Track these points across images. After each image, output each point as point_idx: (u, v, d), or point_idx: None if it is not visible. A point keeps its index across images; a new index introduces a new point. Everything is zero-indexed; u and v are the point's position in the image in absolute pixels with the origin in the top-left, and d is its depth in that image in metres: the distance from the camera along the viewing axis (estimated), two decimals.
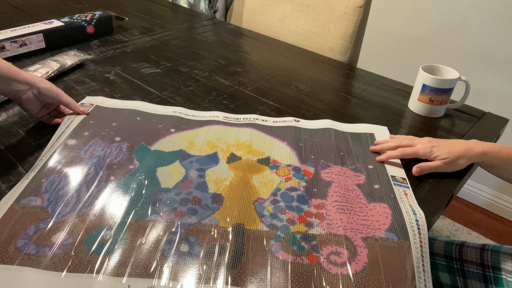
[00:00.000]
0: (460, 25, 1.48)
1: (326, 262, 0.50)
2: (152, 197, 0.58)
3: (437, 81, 0.83)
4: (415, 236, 0.54)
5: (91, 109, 0.77)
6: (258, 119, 0.80)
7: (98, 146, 0.67)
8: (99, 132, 0.71)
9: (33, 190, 0.58)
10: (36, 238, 0.51)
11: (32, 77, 0.70)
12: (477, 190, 1.71)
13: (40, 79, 0.71)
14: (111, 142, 0.69)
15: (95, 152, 0.66)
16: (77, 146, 0.67)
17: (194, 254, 0.50)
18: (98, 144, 0.68)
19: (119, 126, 0.73)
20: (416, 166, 0.67)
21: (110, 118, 0.75)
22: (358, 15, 1.18)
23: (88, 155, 0.65)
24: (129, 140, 0.70)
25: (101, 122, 0.74)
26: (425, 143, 0.69)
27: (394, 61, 1.70)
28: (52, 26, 1.05)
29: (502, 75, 1.47)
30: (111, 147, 0.68)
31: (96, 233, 0.52)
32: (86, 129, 0.71)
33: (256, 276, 0.48)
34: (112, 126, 0.73)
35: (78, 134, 0.70)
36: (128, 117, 0.76)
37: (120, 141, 0.69)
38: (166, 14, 1.42)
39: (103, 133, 0.71)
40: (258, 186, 0.62)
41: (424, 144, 0.69)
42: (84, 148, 0.67)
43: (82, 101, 0.80)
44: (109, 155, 0.66)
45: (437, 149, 0.67)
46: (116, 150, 0.67)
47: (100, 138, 0.70)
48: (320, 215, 0.57)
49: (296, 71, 1.05)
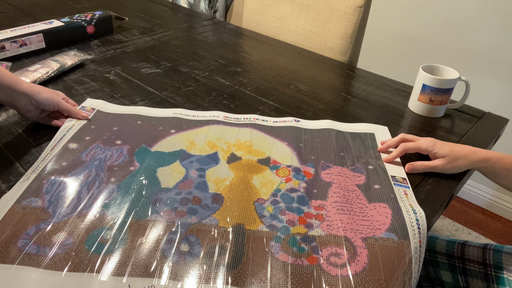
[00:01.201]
0: (460, 25, 1.48)
1: (326, 264, 0.50)
2: (152, 197, 0.59)
3: (437, 81, 0.83)
4: (415, 236, 0.54)
5: (93, 114, 0.77)
6: (258, 119, 0.80)
7: (99, 149, 0.68)
8: (100, 136, 0.71)
9: (34, 191, 0.58)
10: (36, 238, 0.51)
11: (31, 89, 0.70)
12: (477, 190, 1.71)
13: (39, 90, 0.71)
14: (112, 145, 0.69)
15: (96, 155, 0.66)
16: (78, 149, 0.67)
17: (194, 254, 0.50)
18: (99, 148, 0.68)
19: (120, 130, 0.74)
20: (410, 164, 0.68)
21: (111, 123, 0.75)
22: (358, 15, 1.18)
23: (89, 158, 0.65)
24: (129, 143, 0.70)
25: (102, 127, 0.74)
26: (428, 139, 0.69)
27: (394, 61, 1.70)
28: (52, 26, 1.05)
29: (502, 75, 1.47)
30: (112, 150, 0.68)
31: (97, 233, 0.52)
32: (87, 133, 0.72)
33: (256, 277, 0.48)
34: (113, 131, 0.73)
35: (79, 138, 0.70)
36: (128, 121, 0.76)
37: (121, 144, 0.70)
38: (166, 14, 1.42)
39: (104, 137, 0.71)
40: (258, 186, 0.62)
41: (427, 140, 0.69)
42: (85, 152, 0.67)
43: (83, 104, 0.80)
44: (110, 158, 0.66)
45: (439, 145, 0.67)
46: (117, 152, 0.67)
47: (101, 141, 0.70)
48: (320, 216, 0.57)
49: (296, 71, 1.05)
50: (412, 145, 0.69)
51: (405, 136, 0.72)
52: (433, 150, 0.67)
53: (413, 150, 0.69)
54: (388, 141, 0.72)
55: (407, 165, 0.68)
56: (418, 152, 0.71)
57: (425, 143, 0.68)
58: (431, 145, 0.68)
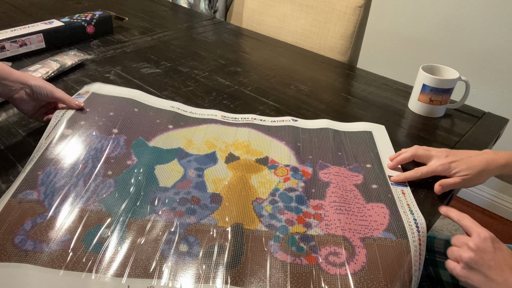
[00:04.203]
0: (460, 25, 1.48)
1: (325, 263, 0.50)
2: (150, 195, 0.58)
3: (437, 81, 0.83)
4: (414, 235, 0.54)
5: (87, 97, 0.76)
6: (256, 119, 0.80)
7: (95, 138, 0.67)
8: (96, 122, 0.70)
9: (30, 184, 0.57)
10: (33, 233, 0.50)
11: (24, 76, 0.69)
12: (477, 190, 1.71)
13: (31, 77, 0.70)
14: (108, 134, 0.68)
15: (92, 144, 0.65)
16: (73, 136, 0.66)
17: (193, 254, 0.50)
18: (95, 136, 0.67)
19: (116, 116, 0.72)
20: (438, 184, 0.64)
21: (107, 107, 0.74)
22: (358, 15, 1.18)
23: (85, 147, 0.64)
24: (126, 133, 0.70)
25: (98, 111, 0.72)
26: (442, 158, 0.65)
27: (394, 61, 1.70)
28: (52, 26, 1.05)
29: (502, 75, 1.46)
30: (108, 140, 0.67)
31: (94, 230, 0.52)
32: (82, 118, 0.70)
33: (255, 276, 0.48)
34: (109, 116, 0.72)
35: (74, 123, 0.69)
36: (125, 107, 0.75)
37: (117, 134, 0.69)
38: (166, 14, 1.42)
39: (100, 123, 0.70)
40: (256, 186, 0.62)
41: (440, 160, 0.65)
42: (80, 139, 0.66)
43: (79, 91, 0.79)
44: (106, 148, 0.65)
45: (455, 165, 0.63)
46: (114, 143, 0.67)
47: (97, 128, 0.69)
48: (318, 215, 0.57)
49: (296, 71, 1.05)
50: (428, 170, 0.65)
51: (417, 152, 0.67)
52: (450, 172, 0.64)
53: (428, 175, 0.65)
54: (399, 158, 0.69)
55: (436, 187, 0.64)
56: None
57: (440, 167, 0.64)
58: (447, 167, 0.64)
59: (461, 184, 0.63)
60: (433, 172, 0.65)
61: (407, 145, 0.77)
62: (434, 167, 0.64)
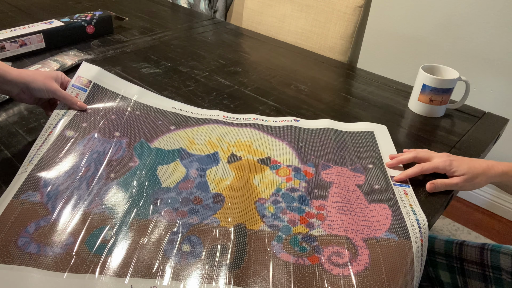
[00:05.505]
0: (460, 25, 1.48)
1: (328, 263, 0.50)
2: (153, 196, 0.58)
3: (437, 81, 0.83)
4: (416, 235, 0.54)
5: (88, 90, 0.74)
6: (258, 119, 0.80)
7: (98, 141, 0.66)
8: (97, 124, 0.70)
9: (32, 185, 0.57)
10: (36, 236, 0.50)
11: (22, 77, 0.66)
12: (477, 190, 1.71)
13: (32, 78, 0.67)
14: (110, 137, 0.68)
15: (94, 146, 0.65)
16: (75, 138, 0.66)
17: (196, 254, 0.50)
18: (97, 139, 0.67)
19: (118, 119, 0.72)
20: (430, 183, 0.65)
21: (108, 109, 0.74)
22: (358, 15, 1.18)
23: (87, 150, 0.64)
24: (128, 135, 0.70)
25: (99, 112, 0.72)
26: (444, 157, 0.67)
27: (394, 61, 1.70)
28: (52, 26, 1.05)
29: (502, 75, 1.47)
30: (110, 143, 0.67)
31: (97, 232, 0.52)
32: (83, 119, 0.70)
33: (258, 277, 0.48)
34: (111, 119, 0.72)
35: (76, 125, 0.68)
36: (127, 110, 0.75)
37: (119, 137, 0.69)
38: (166, 14, 1.42)
39: (102, 126, 0.70)
40: (259, 186, 0.62)
41: (443, 157, 0.66)
42: (83, 142, 0.66)
43: (78, 72, 0.76)
44: (109, 151, 0.65)
45: (456, 163, 0.65)
46: (116, 146, 0.67)
47: (98, 131, 0.68)
48: (321, 216, 0.57)
49: (296, 71, 1.05)
50: (429, 166, 0.66)
51: (419, 154, 0.68)
52: (451, 169, 0.65)
53: (430, 171, 0.66)
54: (400, 157, 0.69)
55: (428, 185, 0.65)
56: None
57: (442, 163, 0.65)
58: (448, 164, 0.65)
59: (459, 185, 0.64)
60: (434, 168, 0.66)
61: (407, 145, 0.77)
62: (437, 163, 0.66)
